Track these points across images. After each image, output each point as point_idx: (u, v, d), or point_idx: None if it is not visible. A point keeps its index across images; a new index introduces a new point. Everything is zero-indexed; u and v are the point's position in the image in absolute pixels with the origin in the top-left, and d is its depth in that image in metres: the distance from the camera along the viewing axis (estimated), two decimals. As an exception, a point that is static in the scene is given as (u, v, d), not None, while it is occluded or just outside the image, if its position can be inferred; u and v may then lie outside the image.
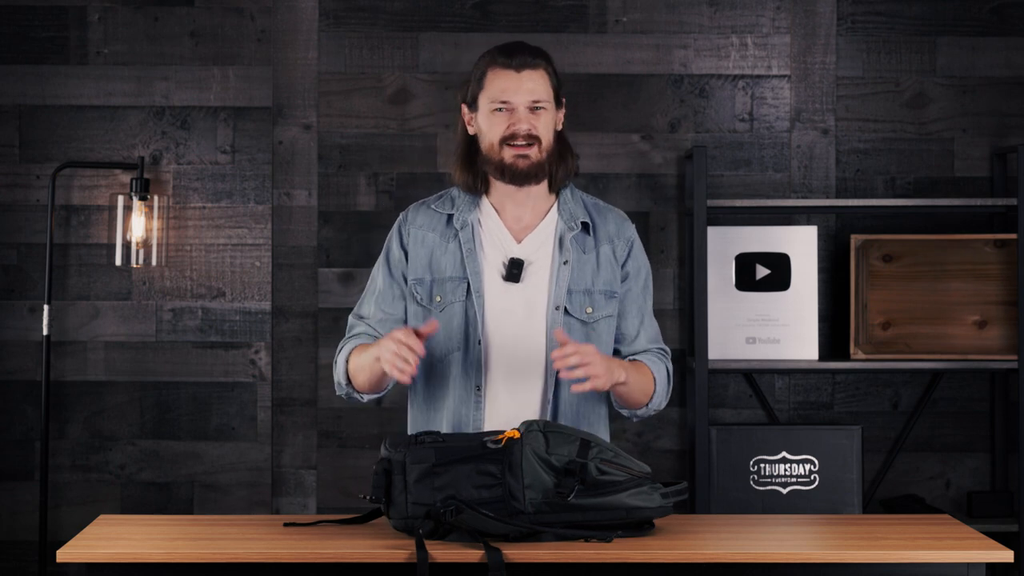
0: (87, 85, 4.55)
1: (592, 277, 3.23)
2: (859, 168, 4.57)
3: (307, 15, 4.55)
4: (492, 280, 3.20)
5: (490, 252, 3.21)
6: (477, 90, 3.21)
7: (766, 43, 4.57)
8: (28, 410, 4.54)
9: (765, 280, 4.38)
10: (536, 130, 3.17)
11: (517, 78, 3.16)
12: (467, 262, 3.20)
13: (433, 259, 3.22)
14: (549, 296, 3.20)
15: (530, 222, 3.24)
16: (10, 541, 4.55)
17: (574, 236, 3.23)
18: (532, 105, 3.17)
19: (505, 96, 3.16)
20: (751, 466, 4.35)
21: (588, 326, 3.21)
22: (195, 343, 4.55)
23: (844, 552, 2.82)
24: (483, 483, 2.86)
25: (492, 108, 3.17)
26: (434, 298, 3.21)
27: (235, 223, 4.56)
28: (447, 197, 3.29)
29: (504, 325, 3.19)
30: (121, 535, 2.98)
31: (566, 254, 3.21)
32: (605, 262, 3.25)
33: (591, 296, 3.22)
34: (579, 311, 3.21)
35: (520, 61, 3.17)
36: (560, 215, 3.24)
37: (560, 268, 3.20)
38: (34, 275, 4.54)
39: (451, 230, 3.23)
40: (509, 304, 3.19)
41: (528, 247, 3.22)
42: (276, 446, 4.54)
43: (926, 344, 4.37)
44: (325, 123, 4.56)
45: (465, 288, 3.19)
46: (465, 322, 3.19)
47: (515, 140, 3.16)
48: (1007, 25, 4.57)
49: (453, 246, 3.22)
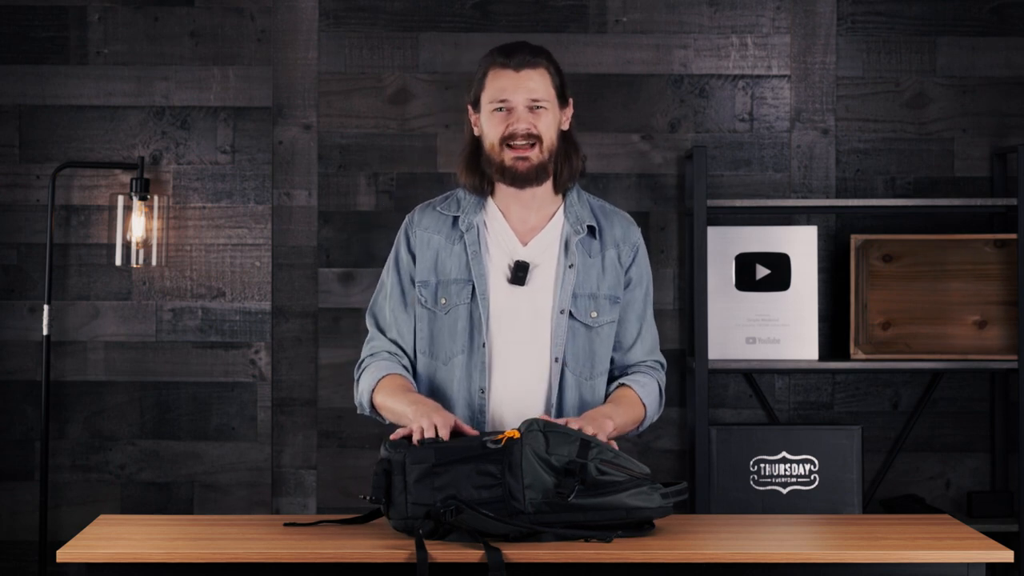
0: (87, 85, 4.55)
1: (597, 281, 3.22)
2: (859, 168, 4.57)
3: (307, 15, 4.55)
4: (497, 283, 3.19)
5: (495, 254, 3.21)
6: (479, 91, 3.20)
7: (766, 43, 4.57)
8: (28, 410, 4.54)
9: (765, 280, 4.38)
10: (536, 129, 3.16)
11: (516, 77, 3.16)
12: (472, 264, 3.19)
13: (439, 261, 3.22)
14: (554, 299, 3.19)
15: (536, 224, 3.23)
16: (10, 541, 4.55)
17: (580, 240, 3.22)
18: (531, 104, 3.16)
19: (504, 95, 3.16)
20: (751, 466, 4.35)
21: (592, 331, 3.21)
22: (195, 343, 4.55)
23: (844, 552, 2.82)
24: (483, 483, 2.86)
25: (492, 108, 3.17)
26: (439, 300, 3.21)
27: (235, 223, 4.56)
28: (453, 199, 3.28)
29: (509, 328, 3.18)
30: (121, 535, 2.98)
31: (571, 258, 3.20)
32: (610, 267, 3.24)
33: (596, 301, 3.21)
34: (584, 315, 3.20)
35: (519, 60, 3.16)
36: (566, 218, 3.24)
37: (566, 272, 3.20)
38: (34, 275, 4.54)
39: (456, 232, 3.23)
40: (514, 307, 3.19)
41: (534, 250, 3.22)
42: (276, 446, 4.54)
43: (926, 344, 4.37)
44: (325, 123, 4.56)
45: (470, 290, 3.19)
46: (470, 324, 3.19)
47: (514, 140, 3.15)
48: (1007, 25, 4.57)
49: (458, 248, 3.22)
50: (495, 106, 3.16)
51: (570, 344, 3.18)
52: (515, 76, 3.16)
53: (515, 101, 3.15)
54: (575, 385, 3.19)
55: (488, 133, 3.18)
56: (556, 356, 3.17)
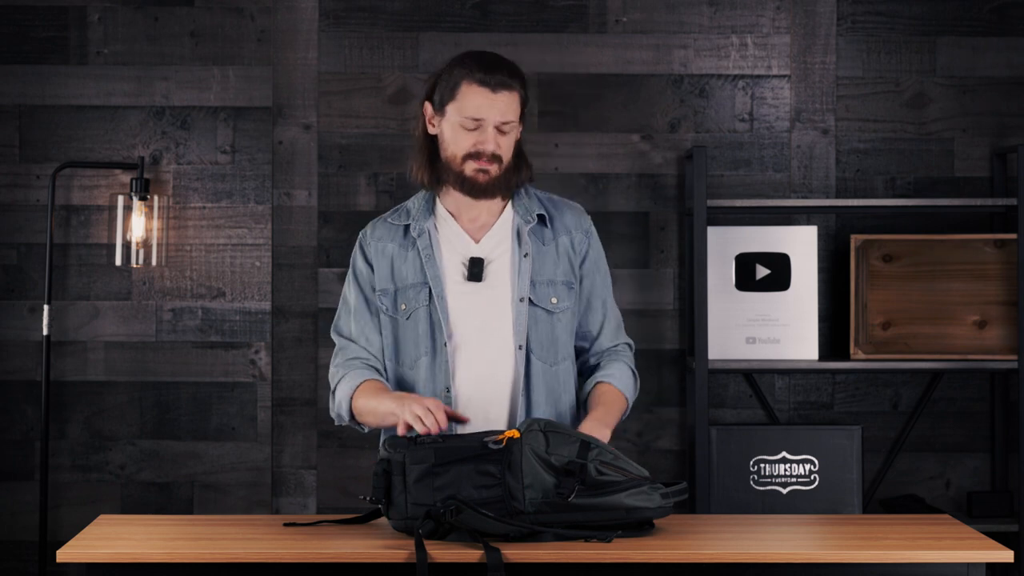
0: (87, 85, 4.55)
1: (553, 268, 3.26)
2: (859, 168, 4.57)
3: (307, 15, 4.55)
4: (453, 282, 3.23)
5: (449, 255, 3.24)
6: (448, 98, 3.22)
7: (766, 43, 4.57)
8: (28, 410, 4.54)
9: (765, 280, 4.38)
10: (500, 150, 3.20)
11: (492, 98, 3.18)
12: (427, 267, 3.22)
13: (395, 269, 3.26)
14: (513, 289, 3.22)
15: (486, 221, 3.27)
16: (10, 541, 4.55)
17: (531, 229, 3.26)
18: (501, 126, 3.19)
19: (479, 114, 3.18)
20: (751, 466, 4.35)
21: (553, 316, 3.24)
22: (195, 343, 4.55)
23: (844, 552, 2.82)
24: (483, 483, 2.86)
25: (461, 122, 3.19)
26: (399, 306, 3.23)
27: (235, 223, 4.56)
28: (402, 210, 3.33)
29: (469, 325, 3.21)
30: (121, 535, 2.98)
31: (525, 247, 3.24)
32: (564, 253, 3.28)
33: (555, 286, 3.25)
34: (544, 301, 3.23)
35: (498, 81, 3.18)
36: (515, 211, 3.28)
37: (521, 261, 3.23)
38: (34, 275, 4.54)
39: (409, 239, 3.27)
40: (473, 303, 3.22)
41: (487, 245, 3.25)
42: (276, 446, 4.54)
43: (926, 344, 4.37)
44: (325, 123, 4.56)
45: (427, 293, 3.22)
46: (430, 326, 3.21)
47: (479, 158, 3.19)
48: (1007, 25, 4.57)
49: (412, 254, 3.25)
50: (466, 123, 3.19)
51: (532, 331, 3.21)
52: (491, 97, 3.18)
53: (487, 122, 3.18)
54: (541, 372, 3.21)
55: (451, 144, 3.21)
56: (520, 344, 3.20)
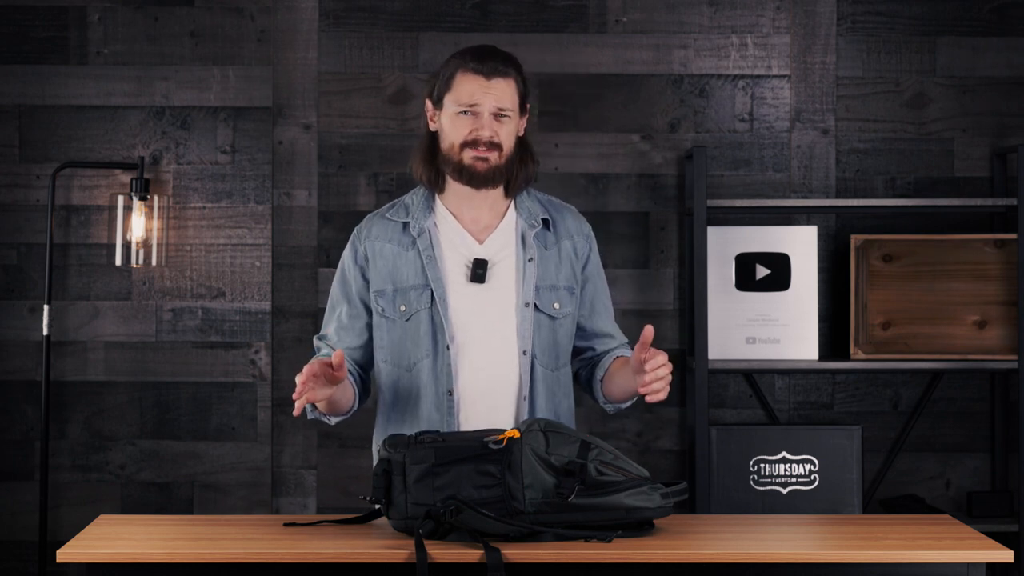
0: (87, 85, 4.55)
1: (556, 273, 3.25)
2: (859, 168, 4.57)
3: (307, 15, 4.56)
4: (455, 284, 3.21)
5: (450, 256, 3.23)
6: (444, 90, 3.22)
7: (766, 43, 4.57)
8: (28, 410, 4.54)
9: (765, 280, 4.38)
10: (498, 137, 3.19)
11: (486, 84, 3.18)
12: (428, 269, 3.21)
13: (394, 269, 3.24)
14: (517, 294, 3.21)
15: (489, 223, 3.26)
16: (10, 541, 4.55)
17: (536, 233, 3.25)
18: (497, 112, 3.18)
19: (472, 100, 3.18)
20: (751, 466, 4.35)
21: (556, 322, 3.24)
22: (195, 343, 4.55)
23: (844, 552, 2.82)
24: (483, 483, 2.86)
25: (457, 111, 3.19)
26: (398, 308, 3.22)
27: (235, 223, 4.56)
28: (400, 205, 3.31)
29: (472, 327, 3.20)
30: (121, 535, 2.98)
31: (530, 251, 3.23)
32: (566, 258, 3.28)
33: (557, 292, 3.25)
34: (548, 307, 3.23)
35: (491, 68, 3.18)
36: (519, 213, 3.27)
37: (526, 265, 3.22)
38: (34, 275, 4.54)
39: (408, 237, 3.25)
40: (476, 305, 3.21)
41: (491, 247, 3.24)
42: (276, 446, 4.54)
43: (926, 344, 4.37)
44: (325, 123, 4.56)
45: (429, 295, 3.21)
46: (432, 328, 3.20)
47: (477, 145, 3.18)
48: (1007, 25, 4.57)
49: (412, 254, 3.23)
50: (461, 109, 3.19)
51: (536, 337, 3.21)
52: (485, 83, 3.18)
53: (482, 108, 3.18)
54: (543, 377, 3.21)
55: (449, 134, 3.21)
56: (524, 349, 3.19)
